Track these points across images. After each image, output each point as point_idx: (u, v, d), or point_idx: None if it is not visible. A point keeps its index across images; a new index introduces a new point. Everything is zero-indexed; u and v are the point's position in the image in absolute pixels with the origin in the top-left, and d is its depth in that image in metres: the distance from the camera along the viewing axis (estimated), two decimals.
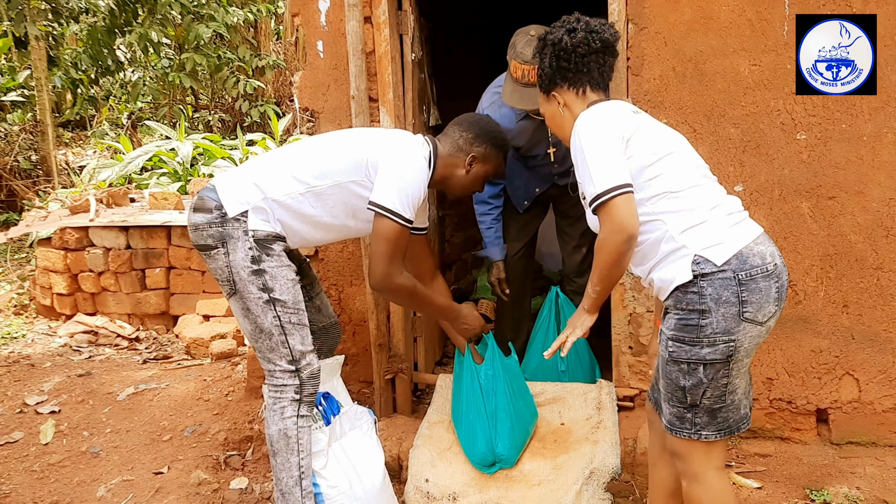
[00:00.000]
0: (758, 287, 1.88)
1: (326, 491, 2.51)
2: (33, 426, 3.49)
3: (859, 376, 2.90)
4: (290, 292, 2.40)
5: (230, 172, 2.50)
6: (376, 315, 3.21)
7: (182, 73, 8.99)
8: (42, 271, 5.39)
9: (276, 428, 2.42)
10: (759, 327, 1.91)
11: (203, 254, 2.44)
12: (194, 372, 4.17)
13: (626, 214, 1.87)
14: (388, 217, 2.35)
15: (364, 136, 2.53)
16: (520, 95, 2.91)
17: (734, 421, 1.98)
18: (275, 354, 2.41)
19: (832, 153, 2.80)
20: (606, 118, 1.98)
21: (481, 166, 2.63)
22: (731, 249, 1.88)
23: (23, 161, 8.74)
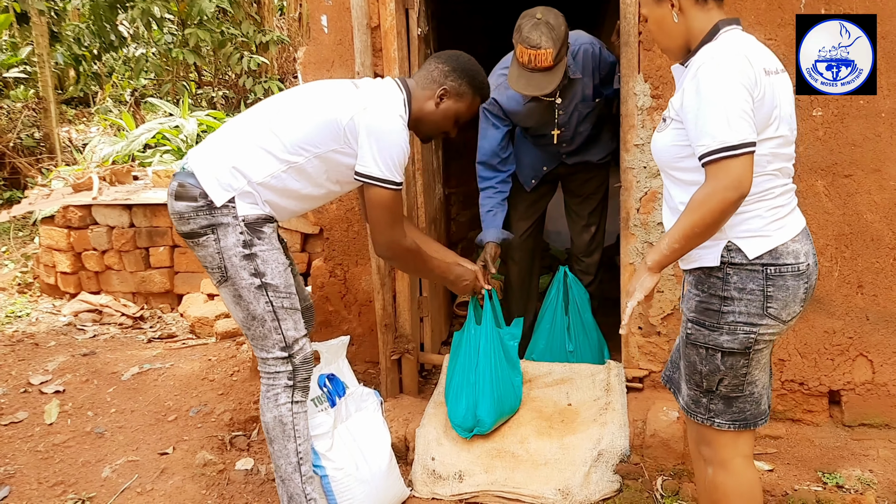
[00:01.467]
0: (786, 285, 1.82)
1: (332, 473, 2.49)
2: (38, 406, 3.47)
3: (873, 358, 2.86)
4: (281, 276, 2.35)
5: (205, 155, 2.37)
6: (382, 295, 3.17)
7: (185, 48, 8.89)
8: (45, 250, 5.36)
9: (271, 415, 2.39)
10: (781, 325, 1.86)
11: (190, 241, 2.36)
12: (199, 351, 4.15)
13: (747, 174, 1.70)
14: (380, 186, 2.30)
15: (333, 94, 2.40)
16: (526, 81, 2.83)
17: (751, 414, 1.93)
18: (268, 341, 2.36)
19: (849, 130, 2.74)
20: (748, 65, 1.74)
21: (453, 102, 2.50)
22: (766, 245, 1.81)
23: (26, 138, 8.69)
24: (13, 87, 9.33)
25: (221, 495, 2.81)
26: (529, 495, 2.65)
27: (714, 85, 1.72)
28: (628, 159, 2.90)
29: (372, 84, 2.47)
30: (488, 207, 3.35)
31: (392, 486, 2.66)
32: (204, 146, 2.42)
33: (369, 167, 2.29)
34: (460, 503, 2.69)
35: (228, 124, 2.47)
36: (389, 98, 2.38)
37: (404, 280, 3.20)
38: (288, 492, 2.40)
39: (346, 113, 2.31)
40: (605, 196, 3.64)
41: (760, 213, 1.81)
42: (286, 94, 2.50)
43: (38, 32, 8.00)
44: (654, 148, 1.96)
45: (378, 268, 3.15)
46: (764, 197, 1.82)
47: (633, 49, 2.80)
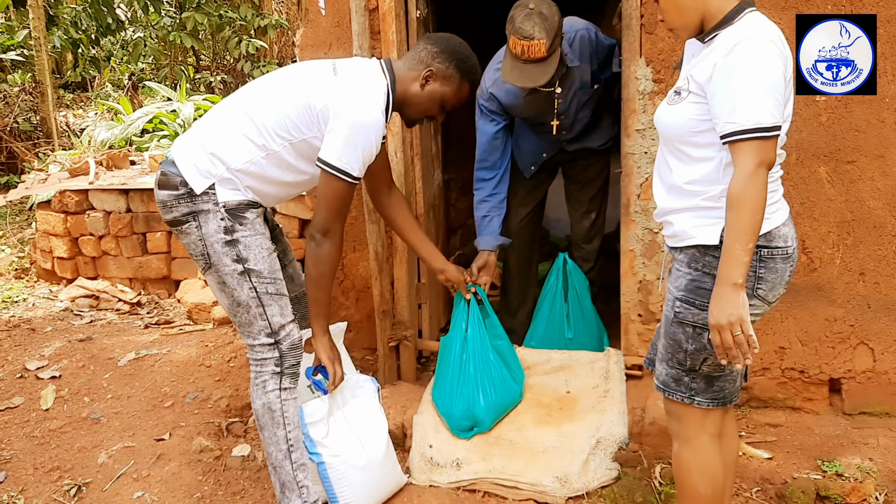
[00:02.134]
0: (776, 267, 1.84)
1: (329, 460, 2.47)
2: (34, 391, 3.45)
3: (874, 346, 2.84)
4: (265, 262, 2.32)
5: (185, 142, 2.36)
6: (380, 281, 3.15)
7: (183, 32, 8.83)
8: (42, 235, 5.33)
9: (260, 402, 2.37)
10: (766, 306, 1.90)
11: (175, 229, 2.34)
12: (196, 337, 4.13)
13: (773, 157, 1.72)
14: (335, 175, 2.23)
15: (310, 79, 2.34)
16: (519, 72, 2.79)
17: (729, 392, 1.97)
18: (254, 328, 2.34)
19: (852, 115, 2.70)
20: (782, 50, 1.75)
21: (439, 85, 2.41)
22: (764, 227, 1.79)
23: (23, 123, 8.64)
24: (10, 71, 9.27)
25: (218, 481, 2.80)
26: (527, 483, 2.64)
27: (754, 64, 1.70)
28: (629, 144, 2.86)
29: (352, 68, 2.38)
30: (484, 212, 3.28)
31: (389, 473, 2.65)
32: (187, 133, 2.40)
33: (329, 155, 2.23)
34: (458, 491, 2.68)
35: (211, 110, 2.45)
36: (368, 86, 2.30)
37: (402, 266, 3.18)
38: (280, 479, 2.40)
39: (321, 99, 2.26)
40: (605, 182, 3.61)
41: None
42: (265, 77, 2.45)
43: (35, 15, 7.94)
44: (666, 121, 1.91)
45: (376, 254, 3.12)
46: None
47: (635, 32, 2.76)
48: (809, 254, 2.82)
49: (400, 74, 2.40)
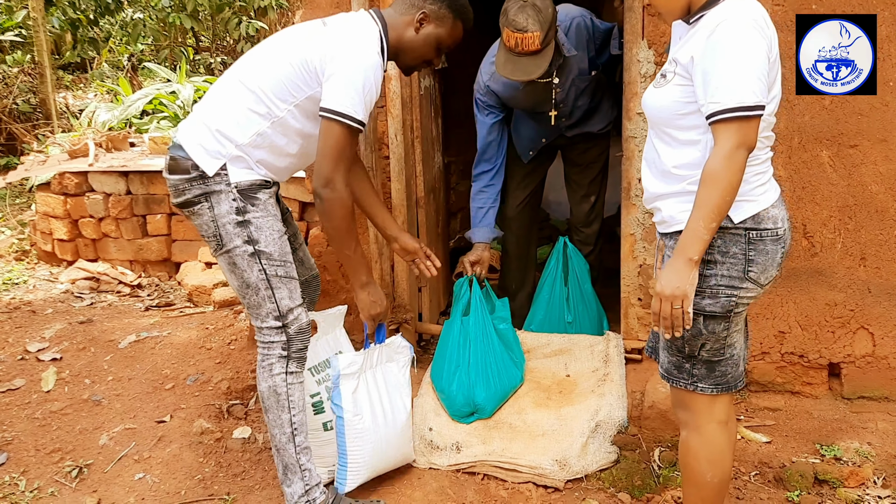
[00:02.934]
0: (766, 249, 1.84)
1: (349, 418, 2.46)
2: (35, 373, 3.46)
3: (874, 330, 2.84)
4: (276, 244, 2.31)
5: (189, 125, 2.32)
6: (380, 265, 3.14)
7: (183, 13, 8.78)
8: (42, 217, 5.33)
9: (266, 385, 2.36)
10: (759, 289, 1.88)
11: (186, 211, 2.32)
12: (196, 320, 4.13)
13: (755, 136, 1.73)
14: (336, 120, 2.17)
15: (301, 36, 2.31)
16: (513, 65, 2.76)
17: (732, 377, 1.95)
18: (262, 310, 2.33)
19: (856, 100, 2.69)
20: (765, 30, 1.76)
21: (433, 27, 2.37)
22: (751, 209, 1.82)
23: (22, 104, 8.60)
24: (9, 52, 9.22)
25: (219, 463, 2.81)
26: (527, 466, 2.65)
27: (736, 44, 1.71)
28: (630, 128, 2.85)
29: (342, 19, 2.35)
30: (479, 203, 3.28)
31: (402, 446, 2.64)
32: (190, 117, 2.37)
33: (329, 101, 2.17)
34: (458, 473, 2.69)
35: (210, 89, 2.42)
36: (362, 31, 2.27)
37: None
38: (283, 461, 2.40)
39: (316, 52, 2.22)
40: (605, 165, 3.60)
41: (747, 178, 1.79)
42: (256, 47, 2.41)
43: None
44: (652, 104, 1.92)
45: (376, 237, 3.12)
46: (751, 162, 1.80)
47: (638, 14, 2.74)
48: (811, 238, 2.82)
49: (391, 21, 2.36)
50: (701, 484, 2.01)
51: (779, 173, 2.75)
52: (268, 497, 2.62)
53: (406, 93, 3.09)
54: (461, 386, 2.83)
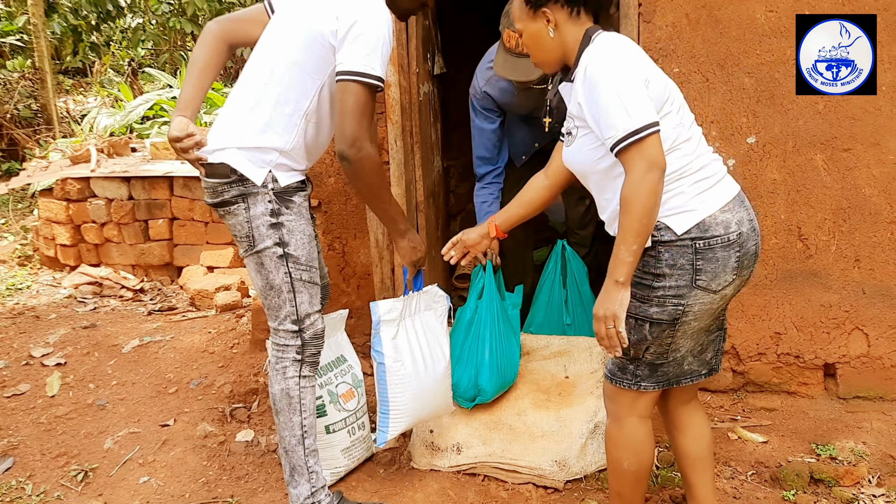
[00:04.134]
0: (715, 257, 1.86)
1: (389, 364, 2.48)
2: (39, 378, 3.50)
3: (869, 331, 2.87)
4: (304, 248, 2.32)
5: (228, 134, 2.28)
6: (381, 268, 3.18)
7: (182, 17, 8.81)
8: (45, 222, 5.37)
9: (279, 387, 2.39)
10: (713, 295, 1.90)
11: (220, 210, 2.31)
12: (199, 324, 4.17)
13: (658, 151, 1.77)
14: (355, 80, 2.13)
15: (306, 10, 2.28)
16: (512, 66, 2.80)
17: (674, 375, 2.04)
18: (281, 312, 2.35)
19: (849, 104, 2.72)
20: (630, 55, 1.86)
21: None
22: (693, 219, 1.85)
23: (23, 109, 8.64)
24: (10, 57, 9.26)
25: (222, 466, 2.84)
26: (527, 467, 2.68)
27: (605, 77, 1.80)
28: None
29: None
30: (483, 198, 3.33)
31: (442, 395, 2.64)
32: (222, 125, 2.33)
33: (346, 63, 2.14)
34: (458, 474, 2.72)
35: (233, 94, 2.37)
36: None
37: None
38: (291, 462, 2.43)
39: (325, 24, 2.21)
40: None
41: (683, 190, 1.86)
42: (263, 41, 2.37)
43: (34, 2, 7.92)
44: (572, 162, 2.04)
45: (377, 241, 3.15)
46: (684, 174, 1.86)
47: (633, 21, 2.77)
48: (805, 240, 2.85)
49: None
50: (619, 471, 2.12)
51: (773, 177, 2.79)
52: (271, 500, 2.65)
53: (405, 99, 3.12)
54: (466, 368, 2.85)
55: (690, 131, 1.92)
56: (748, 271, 1.95)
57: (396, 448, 2.88)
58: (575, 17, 1.95)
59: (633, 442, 2.08)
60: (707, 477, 2.22)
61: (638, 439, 2.08)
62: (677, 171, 1.86)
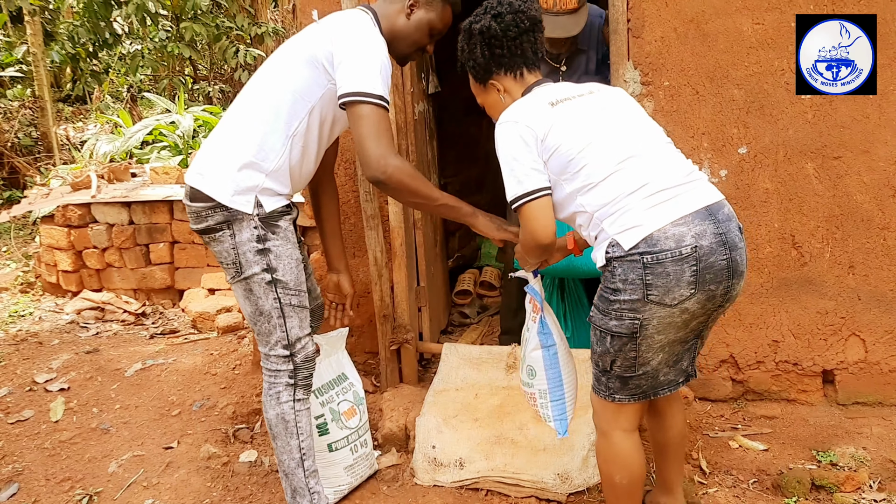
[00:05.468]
0: (665, 271, 1.86)
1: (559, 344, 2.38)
2: (43, 404, 3.52)
3: (866, 337, 2.89)
4: (293, 273, 2.32)
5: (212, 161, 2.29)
6: (380, 286, 3.20)
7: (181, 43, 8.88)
8: (46, 249, 5.40)
9: (274, 412, 2.39)
10: (669, 309, 1.90)
11: (206, 237, 2.31)
12: (201, 346, 4.19)
13: (537, 223, 1.99)
14: (363, 101, 2.12)
15: (300, 39, 2.31)
16: (552, 25, 2.81)
17: (649, 387, 2.07)
18: (272, 338, 2.35)
19: (837, 112, 2.76)
20: (516, 123, 2.01)
21: (424, 12, 2.38)
22: (640, 234, 1.87)
23: (23, 138, 8.71)
24: (10, 86, 9.34)
25: (226, 487, 2.86)
26: (529, 480, 2.69)
27: (499, 146, 2.05)
28: None
29: (335, 15, 2.36)
30: None
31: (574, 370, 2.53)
32: (207, 152, 2.34)
33: (350, 85, 2.14)
34: (462, 490, 2.73)
35: (222, 120, 2.40)
36: (357, 19, 2.29)
37: (402, 271, 3.23)
38: (291, 485, 2.44)
39: (320, 47, 2.23)
40: None
41: (630, 206, 1.90)
42: (259, 71, 2.41)
43: (32, 31, 8.00)
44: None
45: (375, 259, 3.18)
46: (629, 191, 1.91)
47: (623, 37, 2.81)
48: (799, 248, 2.88)
49: (382, 12, 2.38)
50: (611, 485, 2.16)
51: (765, 186, 2.82)
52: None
53: (401, 118, 3.16)
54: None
55: (625, 152, 1.95)
56: (719, 286, 1.90)
57: (399, 465, 2.89)
58: (520, 79, 2.16)
59: (620, 455, 2.12)
60: (676, 463, 2.34)
61: (625, 452, 2.12)
62: (618, 190, 1.92)
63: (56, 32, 8.81)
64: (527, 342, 2.39)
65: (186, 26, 8.49)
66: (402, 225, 3.20)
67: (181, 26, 8.67)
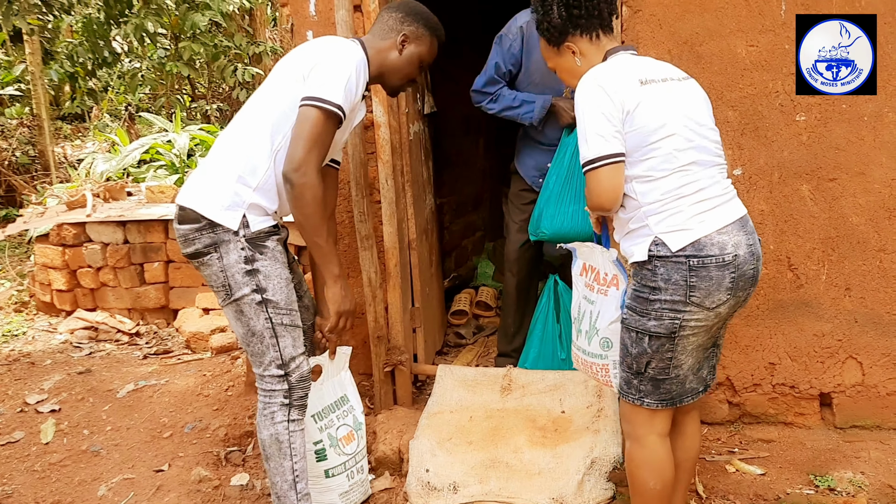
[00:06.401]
0: (709, 275, 1.93)
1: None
2: (34, 425, 3.48)
3: (863, 360, 2.87)
4: (282, 292, 2.32)
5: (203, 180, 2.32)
6: (374, 307, 3.18)
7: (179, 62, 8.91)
8: (41, 268, 5.38)
9: (268, 433, 2.37)
10: (707, 312, 1.97)
11: (195, 262, 2.32)
12: (194, 367, 4.16)
13: (605, 187, 1.97)
14: (313, 105, 2.20)
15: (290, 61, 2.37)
16: None
17: (677, 394, 2.09)
18: (265, 358, 2.34)
19: (832, 134, 2.76)
20: (607, 87, 1.96)
21: (415, 47, 2.47)
22: (689, 237, 1.93)
23: (21, 156, 8.71)
24: (9, 105, 9.36)
25: None
26: None
27: (581, 105, 1.99)
28: None
29: (323, 38, 2.43)
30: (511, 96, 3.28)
31: None
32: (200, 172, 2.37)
33: (309, 90, 2.22)
34: None
35: (216, 143, 2.43)
36: (344, 42, 2.37)
37: (396, 292, 3.22)
38: None
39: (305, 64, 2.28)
40: None
41: (682, 209, 1.95)
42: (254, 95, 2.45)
43: (31, 50, 8.03)
44: None
45: (369, 280, 3.16)
46: (682, 194, 1.95)
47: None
48: (795, 270, 2.87)
49: (373, 46, 2.44)
50: (644, 492, 2.15)
51: (760, 208, 2.82)
52: None
53: (396, 139, 3.16)
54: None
55: (692, 155, 1.97)
56: (744, 293, 2.01)
57: (392, 488, 2.86)
58: (596, 41, 2.10)
59: (656, 461, 2.12)
60: (684, 484, 2.33)
61: (660, 457, 2.12)
62: (674, 190, 1.96)
63: (55, 51, 8.85)
64: (599, 314, 2.31)
65: (185, 46, 8.53)
66: (396, 245, 3.19)
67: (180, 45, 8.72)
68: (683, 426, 2.27)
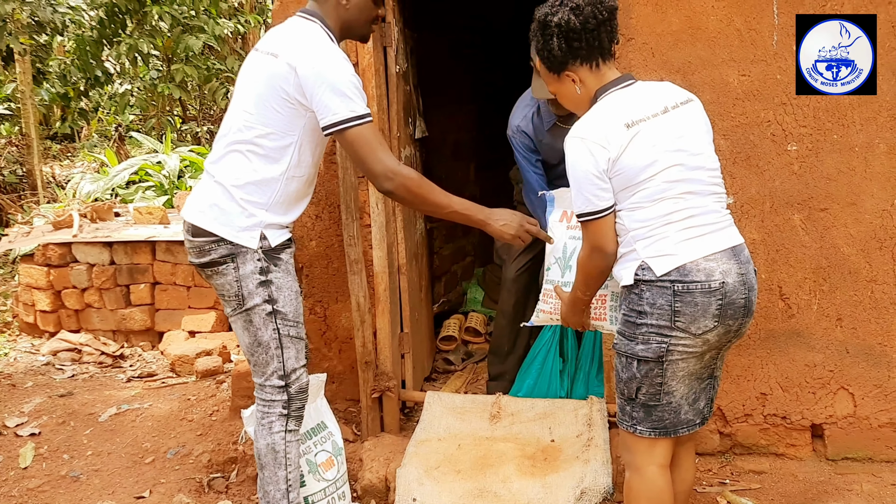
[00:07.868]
0: (694, 300, 1.94)
1: None
2: (12, 449, 3.41)
3: (854, 391, 2.85)
4: (292, 304, 2.35)
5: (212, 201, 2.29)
6: (362, 332, 3.15)
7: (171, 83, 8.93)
8: (25, 288, 5.30)
9: (264, 442, 2.38)
10: (694, 338, 1.97)
11: (208, 270, 2.31)
12: (178, 391, 4.09)
13: (602, 234, 2.02)
14: (350, 126, 2.16)
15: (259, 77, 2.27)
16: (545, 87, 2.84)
17: (670, 423, 2.07)
18: (268, 368, 2.36)
19: (824, 164, 2.76)
20: (591, 144, 1.98)
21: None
22: (673, 262, 1.95)
23: (8, 175, 8.66)
24: None
25: None
26: None
27: (570, 161, 2.03)
28: None
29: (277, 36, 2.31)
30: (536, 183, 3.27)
31: None
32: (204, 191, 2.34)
33: (330, 116, 2.16)
34: None
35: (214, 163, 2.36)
36: (308, 34, 2.26)
37: (385, 317, 3.18)
38: None
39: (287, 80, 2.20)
40: None
41: (668, 234, 1.97)
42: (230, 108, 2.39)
43: (22, 69, 8.01)
44: None
45: (358, 305, 3.13)
46: (670, 220, 1.97)
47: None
48: (787, 300, 2.85)
49: (323, 10, 2.34)
50: None
51: (752, 237, 2.81)
52: None
53: None
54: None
55: (684, 186, 1.98)
56: (735, 322, 2.00)
57: None
58: (596, 70, 2.08)
59: (655, 492, 2.10)
60: None
61: (660, 488, 2.10)
62: (663, 216, 1.97)
63: (46, 71, 8.83)
64: None
65: (178, 68, 8.55)
66: (386, 270, 3.16)
67: (172, 68, 8.73)
68: (679, 458, 2.25)
